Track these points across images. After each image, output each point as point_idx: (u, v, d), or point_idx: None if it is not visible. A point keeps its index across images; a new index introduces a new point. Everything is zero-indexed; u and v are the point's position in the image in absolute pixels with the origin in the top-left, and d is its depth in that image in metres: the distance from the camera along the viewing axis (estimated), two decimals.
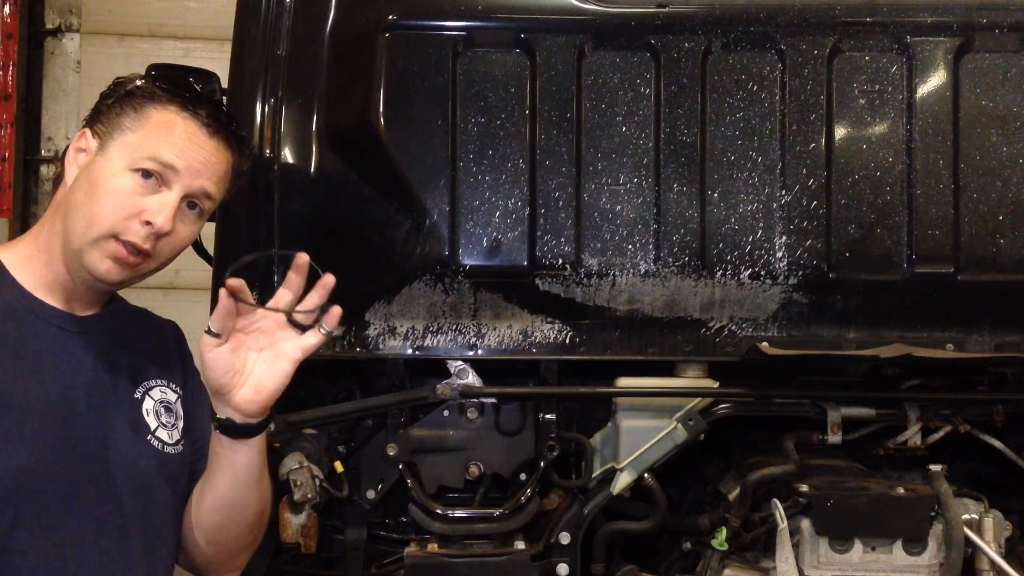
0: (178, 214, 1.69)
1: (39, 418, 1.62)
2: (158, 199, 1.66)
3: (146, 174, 1.65)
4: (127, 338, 1.80)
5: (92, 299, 1.76)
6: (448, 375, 2.31)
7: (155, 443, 1.77)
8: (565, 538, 2.32)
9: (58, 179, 1.75)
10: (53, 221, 1.71)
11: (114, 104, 1.72)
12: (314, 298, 1.70)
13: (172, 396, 1.82)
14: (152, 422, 1.77)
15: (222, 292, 1.61)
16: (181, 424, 1.82)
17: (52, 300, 1.70)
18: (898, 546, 2.15)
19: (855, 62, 2.26)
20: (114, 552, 1.68)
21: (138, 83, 1.74)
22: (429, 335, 2.29)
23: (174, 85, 1.74)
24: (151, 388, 1.80)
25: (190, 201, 1.71)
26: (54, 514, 1.61)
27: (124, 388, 1.76)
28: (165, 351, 1.88)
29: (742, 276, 2.24)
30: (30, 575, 1.58)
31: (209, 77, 1.85)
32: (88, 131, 1.71)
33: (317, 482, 2.25)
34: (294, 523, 2.28)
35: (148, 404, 1.77)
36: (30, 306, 1.67)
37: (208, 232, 2.42)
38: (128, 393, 1.76)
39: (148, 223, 1.64)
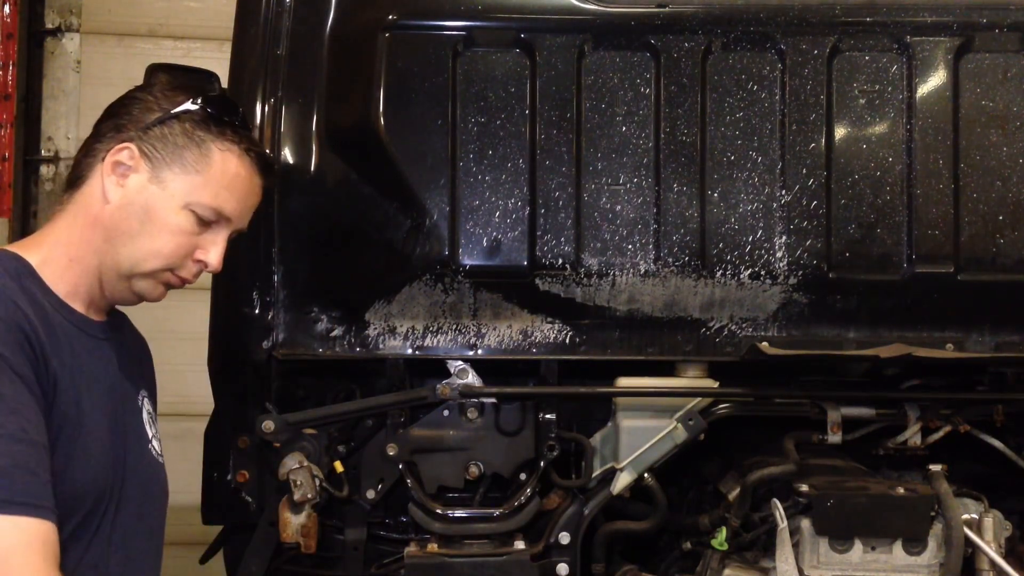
0: None
1: (96, 427, 1.62)
2: (210, 238, 1.69)
3: (203, 221, 1.67)
4: (126, 345, 1.81)
5: (108, 307, 1.76)
6: (448, 375, 2.31)
7: (153, 452, 1.78)
8: (565, 538, 2.32)
9: (74, 181, 1.68)
10: (90, 234, 1.65)
11: (167, 126, 1.66)
12: None
13: (152, 409, 1.84)
14: (149, 431, 1.78)
15: None
16: (159, 437, 1.84)
17: (77, 305, 1.68)
18: (898, 546, 2.15)
19: (855, 62, 2.26)
20: (141, 555, 1.70)
21: (190, 106, 1.68)
22: (429, 335, 2.29)
23: (228, 113, 1.71)
24: (144, 397, 1.81)
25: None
26: (101, 521, 1.62)
27: (132, 395, 1.77)
28: (145, 364, 1.90)
29: (742, 276, 2.24)
30: None
31: (209, 77, 1.85)
32: (135, 148, 1.65)
33: (317, 482, 2.25)
34: (294, 523, 2.28)
35: (144, 414, 1.79)
36: (68, 316, 1.64)
37: None
38: (134, 400, 1.77)
39: (201, 262, 1.69)
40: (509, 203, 2.23)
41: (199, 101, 1.68)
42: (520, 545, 2.26)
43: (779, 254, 2.23)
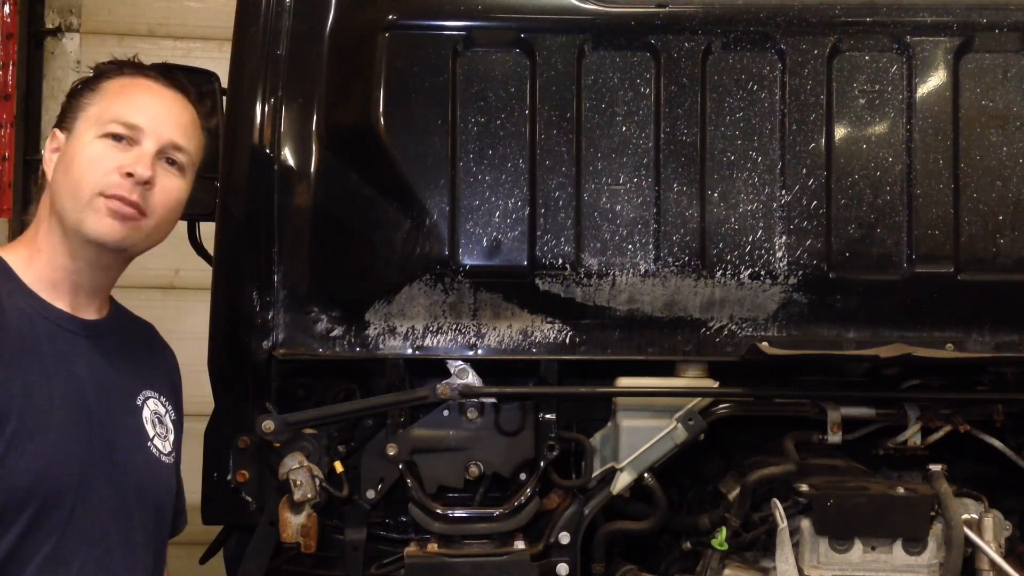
0: (158, 168, 1.74)
1: (60, 421, 1.63)
2: (133, 154, 1.72)
3: (116, 137, 1.71)
4: (128, 346, 1.82)
5: (97, 295, 1.77)
6: (448, 375, 2.31)
7: (153, 450, 1.79)
8: (565, 538, 2.32)
9: (42, 188, 1.78)
10: (47, 220, 1.74)
11: (73, 96, 1.79)
12: None
13: (163, 410, 1.85)
14: (150, 430, 1.79)
15: None
16: (172, 437, 1.85)
17: (59, 302, 1.71)
18: (898, 546, 2.15)
19: (855, 62, 2.26)
20: (121, 551, 1.70)
21: (88, 74, 1.81)
22: (429, 335, 2.29)
23: (119, 63, 1.82)
24: (148, 398, 1.82)
25: (166, 158, 1.76)
26: (66, 516, 1.62)
27: (127, 394, 1.78)
28: (162, 370, 1.92)
29: (742, 276, 2.24)
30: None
31: (209, 77, 1.86)
32: (56, 131, 1.77)
33: (317, 482, 2.25)
34: (294, 523, 2.28)
35: (146, 413, 1.79)
36: (41, 309, 1.68)
37: (208, 232, 2.43)
38: (131, 399, 1.78)
39: (129, 175, 1.69)
40: (509, 203, 2.23)
41: (97, 66, 1.81)
42: (520, 545, 2.26)
43: (779, 254, 2.23)
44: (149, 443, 1.78)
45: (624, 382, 2.31)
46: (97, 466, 1.67)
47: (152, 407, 1.81)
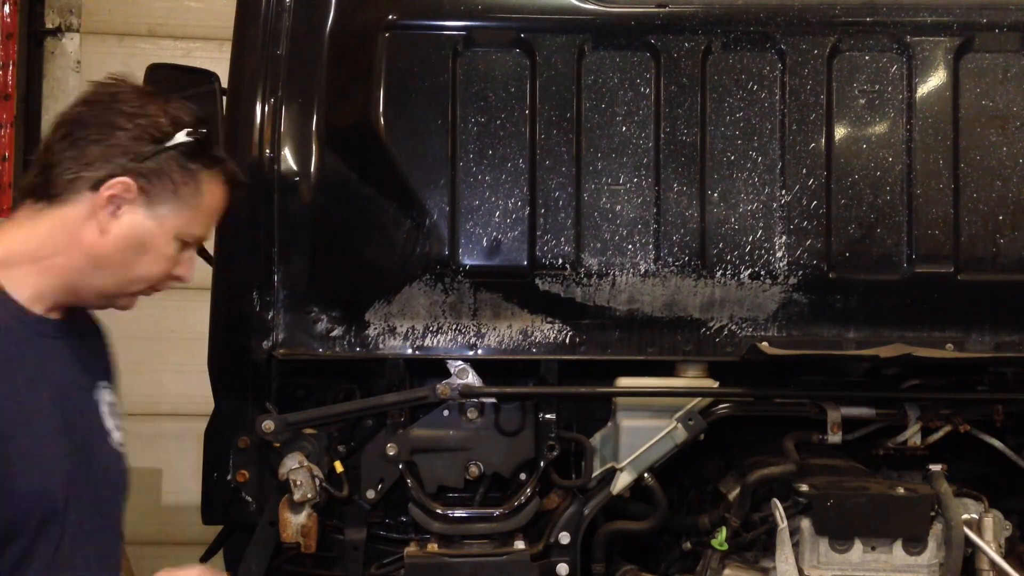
0: None
1: (51, 436, 1.62)
2: (188, 255, 1.73)
3: (188, 244, 1.72)
4: (86, 340, 1.82)
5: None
6: (448, 375, 2.31)
7: (116, 445, 1.79)
8: (565, 538, 2.32)
9: (47, 193, 1.64)
10: (74, 257, 1.64)
11: (162, 160, 1.65)
12: None
13: (112, 398, 1.85)
14: (109, 423, 1.79)
15: None
16: (121, 423, 1.84)
17: (36, 306, 1.68)
18: (898, 546, 2.15)
19: (855, 62, 2.26)
20: (104, 550, 1.71)
21: (183, 138, 1.67)
22: (429, 335, 2.29)
23: (210, 139, 1.74)
24: (103, 389, 1.82)
25: None
26: (60, 531, 1.62)
27: (90, 390, 1.78)
28: (106, 353, 1.90)
29: (742, 276, 2.24)
30: None
31: (209, 77, 1.85)
32: (131, 183, 1.63)
33: (317, 482, 2.25)
34: (294, 523, 2.28)
35: (104, 407, 1.79)
36: (19, 314, 1.64)
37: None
38: (94, 395, 1.78)
39: (178, 277, 1.74)
40: (509, 203, 2.23)
41: (189, 132, 1.69)
42: (520, 545, 2.26)
43: (779, 254, 2.23)
44: (111, 439, 1.79)
45: (624, 382, 2.31)
46: (82, 470, 1.68)
47: (107, 398, 1.82)
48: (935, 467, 2.24)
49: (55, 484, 1.61)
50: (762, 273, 2.24)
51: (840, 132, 2.25)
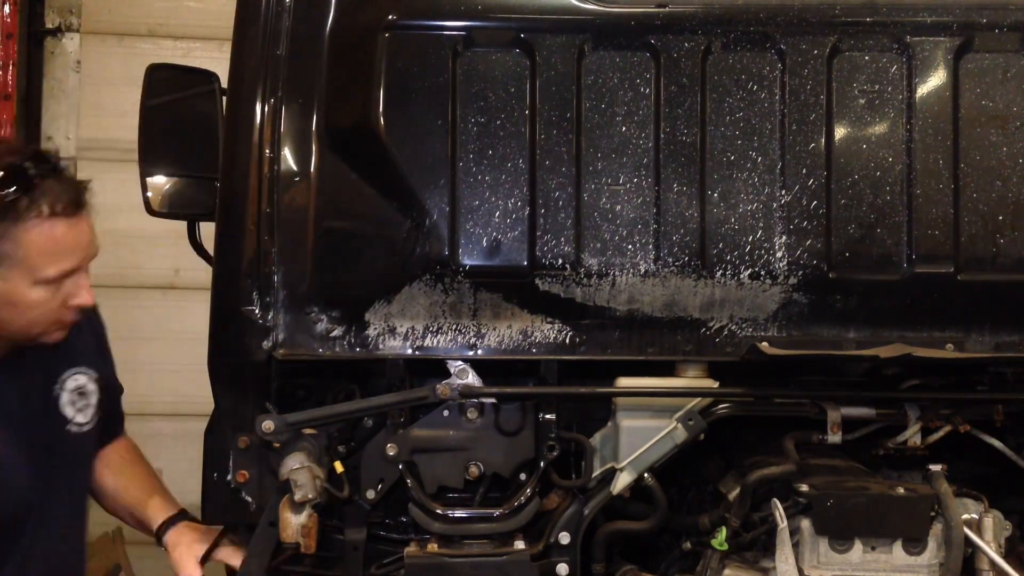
0: None
1: (11, 468, 1.69)
2: (72, 283, 1.81)
3: (56, 280, 1.78)
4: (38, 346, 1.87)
5: None
6: (448, 375, 2.31)
7: (74, 428, 1.91)
8: (565, 538, 2.32)
9: None
10: None
11: None
12: None
13: (84, 379, 1.90)
14: (69, 412, 1.86)
15: None
16: (95, 399, 1.96)
17: None
18: (898, 546, 2.15)
19: (855, 62, 2.26)
20: (69, 533, 1.81)
21: None
22: (429, 335, 2.29)
23: (8, 185, 1.75)
24: (65, 380, 1.87)
25: None
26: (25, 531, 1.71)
27: (44, 389, 1.84)
28: (80, 340, 1.94)
29: (742, 276, 2.24)
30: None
31: (209, 77, 1.86)
32: None
33: (317, 482, 2.24)
34: (294, 523, 2.27)
35: (64, 398, 1.86)
36: None
37: (208, 232, 2.43)
38: (48, 396, 1.83)
39: (76, 305, 1.82)
40: (509, 203, 2.23)
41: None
42: (520, 545, 2.26)
43: (779, 254, 2.23)
44: (68, 425, 1.84)
45: (624, 382, 2.32)
46: (41, 474, 1.74)
47: (71, 386, 1.88)
48: (935, 467, 2.24)
49: (21, 491, 1.69)
50: (762, 273, 2.24)
51: (840, 132, 2.25)
